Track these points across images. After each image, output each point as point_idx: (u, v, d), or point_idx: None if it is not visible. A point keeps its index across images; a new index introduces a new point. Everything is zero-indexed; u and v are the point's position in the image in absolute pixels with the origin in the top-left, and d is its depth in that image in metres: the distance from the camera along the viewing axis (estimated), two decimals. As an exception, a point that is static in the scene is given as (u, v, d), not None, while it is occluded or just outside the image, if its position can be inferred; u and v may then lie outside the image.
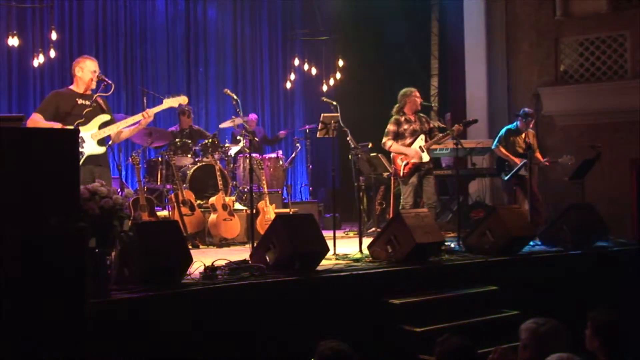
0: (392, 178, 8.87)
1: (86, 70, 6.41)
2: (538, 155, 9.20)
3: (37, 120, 6.16)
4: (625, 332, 4.02)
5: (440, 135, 8.19)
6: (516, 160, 9.10)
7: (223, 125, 10.55)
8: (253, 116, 11.56)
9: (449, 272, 6.33)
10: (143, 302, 4.49)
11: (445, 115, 9.51)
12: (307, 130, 11.44)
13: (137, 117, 6.59)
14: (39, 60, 10.27)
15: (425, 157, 8.08)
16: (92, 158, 6.24)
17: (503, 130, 9.38)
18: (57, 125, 6.18)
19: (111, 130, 6.43)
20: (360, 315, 5.45)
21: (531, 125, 9.32)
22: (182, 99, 7.08)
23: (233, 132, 10.81)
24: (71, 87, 6.50)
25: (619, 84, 10.53)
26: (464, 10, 11.86)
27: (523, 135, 9.27)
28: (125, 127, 6.58)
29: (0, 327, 3.82)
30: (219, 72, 12.79)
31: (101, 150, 6.36)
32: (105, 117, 6.44)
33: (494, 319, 5.98)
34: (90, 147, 6.25)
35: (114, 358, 4.27)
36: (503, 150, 9.26)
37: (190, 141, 9.72)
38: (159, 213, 8.36)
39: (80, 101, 6.33)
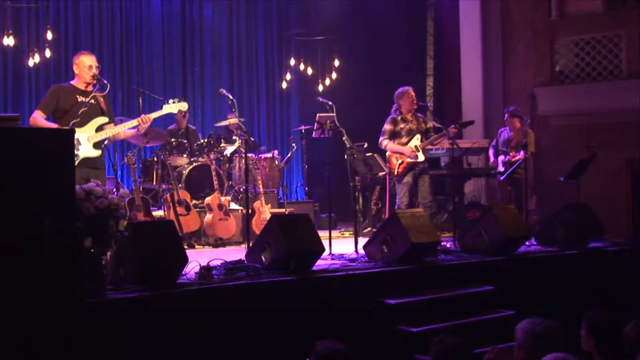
0: (387, 177, 8.88)
1: (82, 66, 6.40)
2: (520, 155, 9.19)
3: (37, 120, 6.23)
4: (620, 332, 4.03)
5: (436, 135, 8.22)
6: (494, 160, 9.27)
7: (220, 124, 10.54)
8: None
9: (445, 272, 6.33)
10: (139, 302, 4.49)
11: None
12: (303, 130, 11.42)
13: (134, 123, 6.58)
14: (34, 60, 10.27)
15: (421, 157, 8.11)
16: (87, 161, 6.21)
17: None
18: (54, 127, 6.19)
19: (107, 134, 6.42)
20: (356, 315, 5.45)
21: (517, 124, 9.31)
22: (182, 105, 7.05)
23: (221, 133, 10.76)
24: (73, 82, 6.50)
25: (615, 84, 10.55)
26: (459, 10, 11.87)
27: (512, 134, 9.34)
28: (121, 130, 6.58)
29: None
30: (215, 71, 12.77)
31: (96, 153, 6.33)
32: (103, 120, 6.42)
33: (490, 319, 5.99)
34: (85, 149, 6.23)
35: (110, 358, 4.26)
36: (490, 151, 9.42)
37: (186, 141, 9.71)
38: (154, 213, 8.35)
39: (80, 98, 6.33)
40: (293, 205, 10.11)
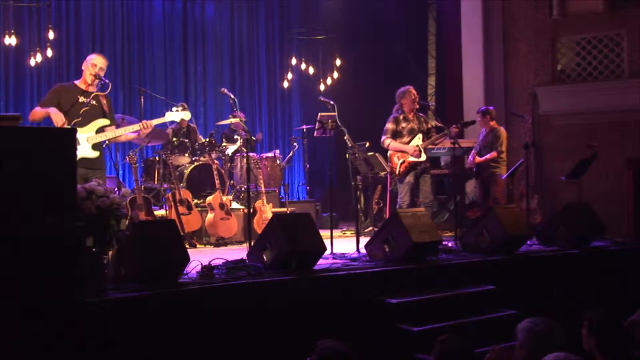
0: (388, 177, 8.89)
1: (89, 64, 6.43)
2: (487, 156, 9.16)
3: (34, 111, 6.26)
4: (621, 332, 4.03)
5: (437, 135, 8.23)
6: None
7: (221, 123, 10.56)
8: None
9: (446, 271, 6.33)
10: (140, 302, 4.49)
11: None
12: (304, 130, 11.43)
13: (135, 127, 6.59)
14: (36, 60, 10.27)
15: (422, 156, 8.12)
16: (85, 161, 6.19)
17: None
18: (54, 111, 6.16)
19: (107, 136, 6.42)
20: (357, 315, 5.45)
21: (488, 123, 9.27)
22: (185, 115, 7.07)
23: (224, 132, 10.78)
24: (76, 82, 6.51)
25: (616, 83, 10.53)
26: (461, 9, 11.87)
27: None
28: (122, 133, 6.58)
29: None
30: (216, 71, 12.78)
31: (95, 154, 6.33)
32: (104, 122, 6.43)
33: (491, 318, 5.99)
34: (84, 150, 6.22)
35: (111, 357, 4.27)
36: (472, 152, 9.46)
37: (187, 140, 9.73)
38: (156, 212, 8.34)
39: (81, 99, 6.33)
40: (294, 205, 10.11)
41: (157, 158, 9.32)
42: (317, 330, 4.48)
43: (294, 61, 12.95)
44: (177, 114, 6.98)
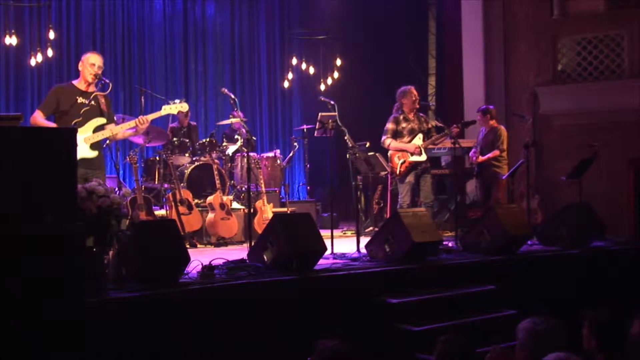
0: (389, 177, 8.89)
1: (86, 63, 6.40)
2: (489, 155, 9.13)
3: (37, 119, 6.24)
4: (622, 332, 4.03)
5: (438, 135, 8.23)
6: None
7: (222, 123, 10.56)
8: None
9: (447, 271, 6.33)
10: (140, 301, 4.49)
11: None
12: (305, 130, 11.43)
13: (132, 124, 6.58)
14: (36, 59, 10.28)
15: (423, 156, 8.12)
16: (84, 161, 6.17)
17: None
18: (53, 126, 6.20)
19: (105, 134, 6.41)
20: (358, 315, 5.45)
21: (488, 122, 9.25)
22: (182, 107, 7.04)
23: (224, 132, 10.78)
24: (74, 82, 6.50)
25: (617, 83, 10.53)
26: (461, 9, 11.87)
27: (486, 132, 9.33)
28: (119, 131, 6.58)
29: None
30: (217, 71, 12.79)
31: (93, 154, 6.31)
32: (101, 121, 6.41)
33: (492, 318, 5.99)
34: (82, 150, 6.20)
35: (111, 357, 4.27)
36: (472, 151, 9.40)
37: (188, 140, 9.73)
38: (156, 212, 8.35)
39: (80, 99, 6.33)
40: (295, 205, 10.10)
41: (157, 158, 9.32)
42: (317, 330, 4.48)
43: (294, 61, 12.95)
44: (174, 107, 6.95)
